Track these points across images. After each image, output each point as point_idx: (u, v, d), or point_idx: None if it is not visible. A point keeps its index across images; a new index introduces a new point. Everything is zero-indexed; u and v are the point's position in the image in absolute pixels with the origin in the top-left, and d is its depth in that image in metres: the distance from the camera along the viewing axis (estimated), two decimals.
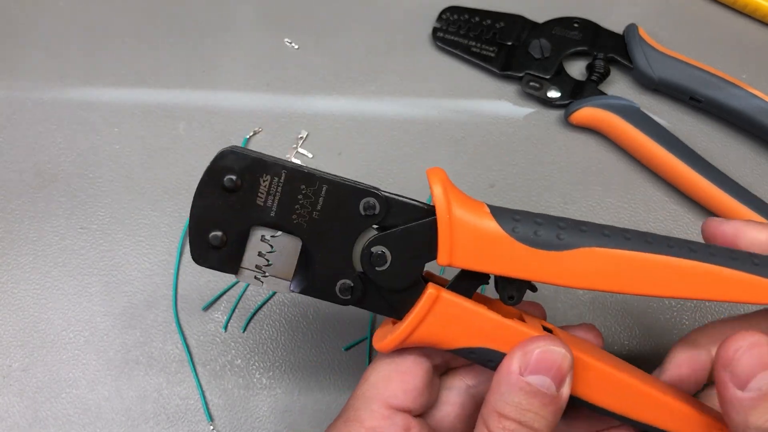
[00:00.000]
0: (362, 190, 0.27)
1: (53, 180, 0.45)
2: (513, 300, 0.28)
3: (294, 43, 0.50)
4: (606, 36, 0.48)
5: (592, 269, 0.26)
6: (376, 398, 0.28)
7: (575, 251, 0.26)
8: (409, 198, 0.28)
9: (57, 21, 0.51)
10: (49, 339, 0.40)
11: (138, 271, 0.42)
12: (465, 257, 0.26)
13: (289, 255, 0.27)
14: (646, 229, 0.42)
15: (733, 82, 0.44)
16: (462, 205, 0.27)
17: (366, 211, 0.27)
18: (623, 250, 0.26)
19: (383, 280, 0.27)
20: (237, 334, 0.40)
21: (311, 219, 0.27)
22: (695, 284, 0.26)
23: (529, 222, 0.26)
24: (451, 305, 0.27)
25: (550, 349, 0.25)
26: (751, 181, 0.43)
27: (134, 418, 0.38)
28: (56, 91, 0.48)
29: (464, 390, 0.30)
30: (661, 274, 0.26)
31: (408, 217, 0.27)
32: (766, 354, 0.24)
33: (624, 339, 0.40)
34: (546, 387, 0.25)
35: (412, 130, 0.46)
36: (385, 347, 0.28)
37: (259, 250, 0.27)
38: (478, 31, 0.48)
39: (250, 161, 0.26)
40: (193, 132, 0.46)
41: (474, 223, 0.26)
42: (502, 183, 0.44)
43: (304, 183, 0.27)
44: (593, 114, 0.44)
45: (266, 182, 0.26)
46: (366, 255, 0.27)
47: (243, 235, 0.27)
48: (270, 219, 0.27)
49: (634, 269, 0.26)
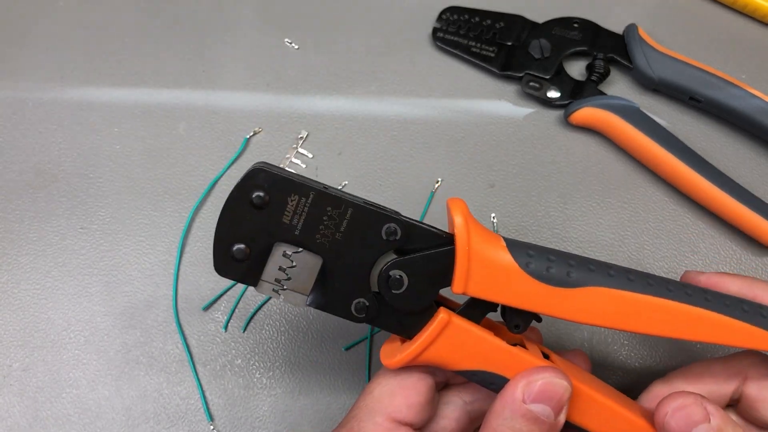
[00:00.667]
0: (385, 216, 0.28)
1: (53, 180, 0.45)
2: (519, 329, 0.29)
3: (294, 43, 0.50)
4: (606, 36, 0.48)
5: (597, 308, 0.28)
6: (380, 411, 0.29)
7: (583, 290, 0.28)
8: (429, 225, 0.28)
9: (57, 21, 0.51)
10: (49, 339, 0.40)
11: (138, 271, 0.42)
12: (479, 287, 0.28)
13: (308, 271, 0.28)
14: (646, 229, 0.43)
15: (732, 82, 0.44)
16: (480, 237, 0.28)
17: (388, 237, 0.28)
18: (627, 291, 0.28)
19: (398, 302, 0.28)
20: (237, 334, 0.40)
21: (334, 239, 0.28)
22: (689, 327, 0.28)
23: (542, 258, 0.28)
24: (461, 330, 0.28)
25: (553, 381, 0.27)
26: (751, 181, 0.43)
27: (134, 418, 0.39)
28: (56, 91, 0.48)
29: (461, 406, 0.32)
30: (659, 316, 0.28)
31: (427, 244, 0.28)
32: (692, 414, 0.27)
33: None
34: (546, 415, 0.27)
35: (412, 130, 0.46)
36: (395, 365, 0.29)
37: (280, 264, 0.28)
38: (478, 31, 0.48)
39: (280, 180, 0.27)
40: (193, 132, 0.46)
41: (490, 255, 0.28)
42: (502, 183, 0.44)
43: (330, 205, 0.27)
44: (593, 114, 0.44)
45: (294, 202, 0.27)
46: (384, 278, 0.28)
47: (266, 250, 0.28)
48: (294, 237, 0.28)
49: (635, 310, 0.28)
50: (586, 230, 0.43)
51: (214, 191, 0.44)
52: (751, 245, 0.42)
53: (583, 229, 0.43)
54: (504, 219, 0.43)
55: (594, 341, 0.40)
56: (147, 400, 0.39)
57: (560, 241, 0.43)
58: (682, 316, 0.28)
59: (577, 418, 0.29)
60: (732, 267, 0.42)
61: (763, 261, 0.42)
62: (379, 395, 0.29)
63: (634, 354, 0.40)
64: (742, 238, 0.42)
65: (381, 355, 0.30)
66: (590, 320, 0.28)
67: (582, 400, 0.29)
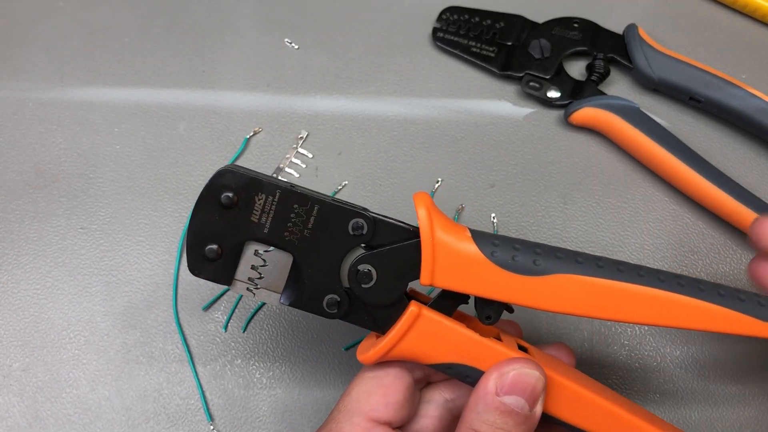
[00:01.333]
0: (351, 211, 0.28)
1: (53, 180, 0.45)
2: (490, 320, 0.29)
3: (294, 43, 0.50)
4: (606, 36, 0.48)
5: (565, 295, 0.28)
6: (358, 411, 0.29)
7: (550, 277, 0.28)
8: (396, 219, 0.29)
9: (57, 21, 0.51)
10: (49, 339, 0.40)
11: (138, 271, 0.42)
12: (446, 278, 0.28)
13: (280, 269, 0.29)
14: (646, 229, 0.43)
15: (732, 82, 0.44)
16: (444, 228, 0.28)
17: (354, 231, 0.28)
18: (595, 278, 0.28)
19: (368, 296, 0.29)
20: (237, 334, 0.40)
21: (302, 236, 0.28)
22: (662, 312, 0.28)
23: (508, 247, 0.28)
24: (432, 323, 0.28)
25: (524, 372, 0.27)
26: (751, 181, 0.43)
27: (134, 418, 0.39)
28: (56, 91, 0.48)
29: (442, 404, 0.32)
30: (630, 301, 0.28)
31: (394, 238, 0.29)
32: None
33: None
34: (520, 407, 0.26)
35: (412, 130, 0.46)
36: (368, 359, 0.29)
37: (252, 263, 0.29)
38: (478, 31, 0.48)
39: (247, 180, 0.28)
40: (193, 132, 0.46)
41: (455, 246, 0.28)
42: (502, 183, 0.44)
43: (297, 202, 0.28)
44: (593, 114, 0.44)
45: (261, 200, 0.28)
46: (353, 272, 0.29)
47: (237, 249, 0.29)
48: (263, 235, 0.28)
49: (604, 296, 0.28)
50: (586, 230, 0.43)
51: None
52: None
53: (583, 229, 0.43)
54: (504, 219, 0.43)
55: (594, 341, 0.40)
56: (147, 400, 0.39)
57: (560, 241, 0.43)
58: (654, 302, 0.28)
59: (558, 412, 0.28)
60: (732, 267, 0.42)
61: None
62: (357, 395, 0.29)
63: (635, 354, 0.40)
64: (742, 238, 0.42)
65: (357, 352, 0.31)
66: (558, 308, 0.28)
67: (562, 392, 0.28)
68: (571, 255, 0.28)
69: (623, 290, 0.28)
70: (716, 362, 0.39)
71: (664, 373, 0.39)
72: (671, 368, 0.39)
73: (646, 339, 0.40)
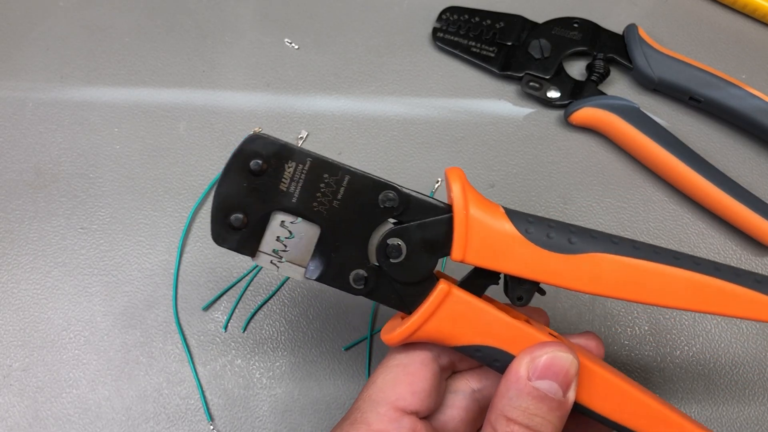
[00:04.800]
0: (382, 183, 0.28)
1: (53, 180, 0.45)
2: (522, 301, 0.28)
3: (294, 43, 0.50)
4: (606, 36, 0.48)
5: (601, 274, 0.27)
6: (384, 401, 0.28)
7: (586, 255, 0.27)
8: (427, 195, 0.28)
9: (57, 21, 0.51)
10: (49, 339, 0.40)
11: (138, 271, 0.42)
12: (478, 255, 0.27)
13: (306, 242, 0.28)
14: (646, 229, 0.43)
15: (732, 82, 0.44)
16: (479, 204, 0.27)
17: (384, 204, 0.27)
18: (631, 258, 0.27)
19: (397, 272, 0.28)
20: (237, 334, 0.40)
21: (331, 207, 0.27)
22: (698, 297, 0.27)
23: (543, 225, 0.27)
24: (461, 302, 0.27)
25: (557, 355, 0.26)
26: (751, 181, 0.43)
27: (134, 418, 0.38)
28: (56, 91, 0.48)
29: (469, 393, 0.31)
30: (667, 284, 0.27)
31: (425, 214, 0.28)
32: None
33: (624, 340, 0.40)
34: (553, 392, 0.25)
35: (412, 130, 0.46)
36: (393, 339, 0.28)
37: (277, 235, 0.28)
38: (478, 31, 0.48)
39: (278, 147, 0.27)
40: (193, 132, 0.46)
41: (489, 222, 0.27)
42: (502, 183, 0.44)
43: (327, 172, 0.27)
44: (593, 114, 0.44)
45: (291, 168, 0.27)
46: (382, 246, 0.28)
47: (263, 219, 0.28)
48: (291, 205, 0.27)
49: (640, 277, 0.27)
50: None
51: (216, 183, 0.44)
52: (751, 245, 0.42)
53: None
54: None
55: None
56: (147, 400, 0.39)
57: None
58: (690, 285, 0.27)
59: (589, 401, 0.27)
60: None
61: (763, 261, 0.42)
62: (382, 384, 0.28)
63: (635, 354, 0.40)
64: (742, 238, 0.42)
65: (381, 333, 0.30)
66: (594, 288, 0.27)
67: (594, 381, 0.27)
68: (605, 236, 0.27)
69: (660, 272, 0.27)
70: (716, 362, 0.39)
71: (664, 373, 0.39)
72: (671, 368, 0.39)
73: (646, 339, 0.40)
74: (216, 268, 0.42)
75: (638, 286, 0.27)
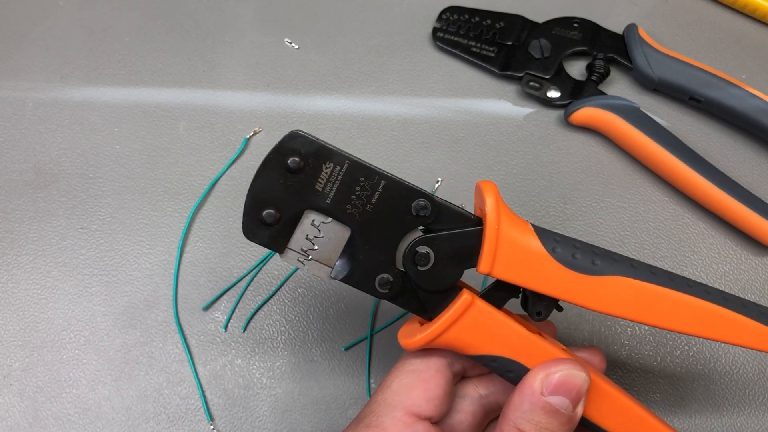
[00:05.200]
0: (417, 191, 0.28)
1: (53, 180, 0.45)
2: (540, 316, 0.29)
3: (294, 43, 0.50)
4: (606, 36, 0.48)
5: (619, 297, 0.28)
6: (399, 406, 0.28)
7: (607, 278, 0.28)
8: (459, 206, 0.29)
9: (57, 21, 0.51)
10: (49, 339, 0.40)
11: (138, 271, 0.42)
12: (505, 269, 0.28)
13: (335, 243, 0.28)
14: (646, 229, 0.43)
15: (732, 82, 0.44)
16: (509, 220, 0.28)
17: (417, 212, 0.28)
18: (649, 283, 0.28)
19: (423, 279, 0.28)
20: (237, 334, 0.40)
21: (364, 211, 0.28)
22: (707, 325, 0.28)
23: (569, 245, 0.28)
24: (483, 313, 0.28)
25: (572, 373, 0.27)
26: (751, 181, 0.43)
27: (134, 418, 0.39)
28: (56, 91, 0.48)
29: (477, 399, 0.31)
30: (679, 310, 0.28)
31: (455, 224, 0.28)
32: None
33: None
34: (565, 408, 0.26)
35: (412, 130, 0.46)
36: (414, 344, 0.29)
37: (307, 233, 0.28)
38: (478, 31, 0.48)
39: (318, 147, 0.27)
40: (193, 132, 0.46)
41: (518, 238, 0.28)
42: (502, 183, 0.44)
43: (364, 175, 0.28)
44: (593, 114, 0.44)
45: (329, 169, 0.27)
46: (410, 253, 0.28)
47: (296, 217, 0.28)
48: (325, 205, 0.28)
49: (656, 302, 0.28)
50: (586, 230, 0.43)
51: (214, 191, 0.44)
52: (751, 245, 0.42)
53: (583, 229, 0.43)
54: None
55: (594, 341, 0.40)
56: (147, 400, 0.39)
57: None
58: (701, 313, 0.28)
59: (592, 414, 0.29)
60: (732, 267, 0.42)
61: (763, 261, 0.42)
62: (398, 389, 0.29)
63: (635, 354, 0.40)
64: (742, 238, 0.42)
65: (399, 336, 0.30)
66: (611, 310, 0.28)
67: (599, 395, 0.28)
68: (626, 259, 0.29)
69: (673, 299, 0.28)
70: (716, 362, 0.39)
71: (664, 373, 0.39)
72: (671, 368, 0.39)
73: (646, 339, 0.40)
74: (216, 268, 0.42)
75: (652, 310, 0.28)
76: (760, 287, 0.41)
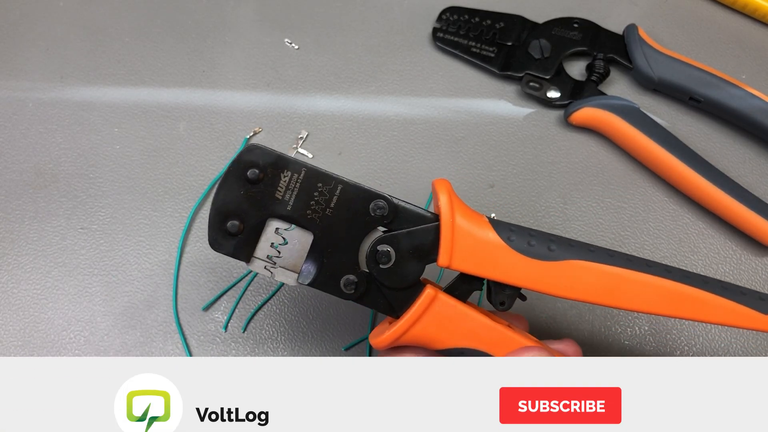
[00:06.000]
0: (373, 193, 0.29)
1: (53, 180, 0.45)
2: (504, 306, 0.30)
3: (294, 43, 0.50)
4: (606, 36, 0.48)
5: (578, 280, 0.29)
6: None
7: (564, 263, 0.29)
8: (416, 205, 0.29)
9: (57, 21, 0.51)
10: (49, 339, 0.40)
11: (138, 271, 0.42)
12: (464, 261, 0.29)
13: (300, 248, 0.29)
14: (646, 229, 0.43)
15: (732, 82, 0.44)
16: (464, 214, 0.29)
17: (375, 212, 0.29)
18: (607, 265, 0.29)
19: (386, 277, 0.29)
20: (237, 334, 0.40)
21: (324, 215, 0.29)
22: (669, 303, 0.29)
23: (524, 234, 0.29)
24: (447, 306, 0.29)
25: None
26: (751, 181, 0.43)
27: None
28: (56, 91, 0.48)
29: None
30: (640, 290, 0.29)
31: (413, 222, 0.29)
32: None
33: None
34: None
35: (412, 130, 0.46)
36: (381, 343, 0.29)
37: (272, 241, 0.29)
38: (478, 32, 0.48)
39: (274, 157, 0.29)
40: (193, 132, 0.46)
41: (474, 230, 0.29)
42: (502, 183, 0.44)
43: (320, 181, 0.29)
44: (593, 114, 0.44)
45: (286, 178, 0.29)
46: (372, 253, 0.29)
47: (259, 226, 0.29)
48: (286, 212, 0.29)
49: (615, 283, 0.29)
50: (586, 230, 0.43)
51: (214, 191, 0.44)
52: (751, 245, 0.42)
53: (583, 229, 0.43)
54: (504, 219, 0.43)
55: (594, 341, 0.40)
56: None
57: None
58: (662, 291, 0.29)
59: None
60: (732, 267, 0.42)
61: (763, 261, 0.42)
62: None
63: (635, 355, 0.40)
64: (742, 238, 0.42)
65: (370, 337, 0.31)
66: (571, 293, 0.29)
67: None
68: (583, 244, 0.29)
69: (633, 279, 0.29)
70: None
71: None
72: None
73: (647, 339, 0.40)
74: (216, 268, 0.42)
75: (612, 291, 0.29)
76: (760, 287, 0.41)
